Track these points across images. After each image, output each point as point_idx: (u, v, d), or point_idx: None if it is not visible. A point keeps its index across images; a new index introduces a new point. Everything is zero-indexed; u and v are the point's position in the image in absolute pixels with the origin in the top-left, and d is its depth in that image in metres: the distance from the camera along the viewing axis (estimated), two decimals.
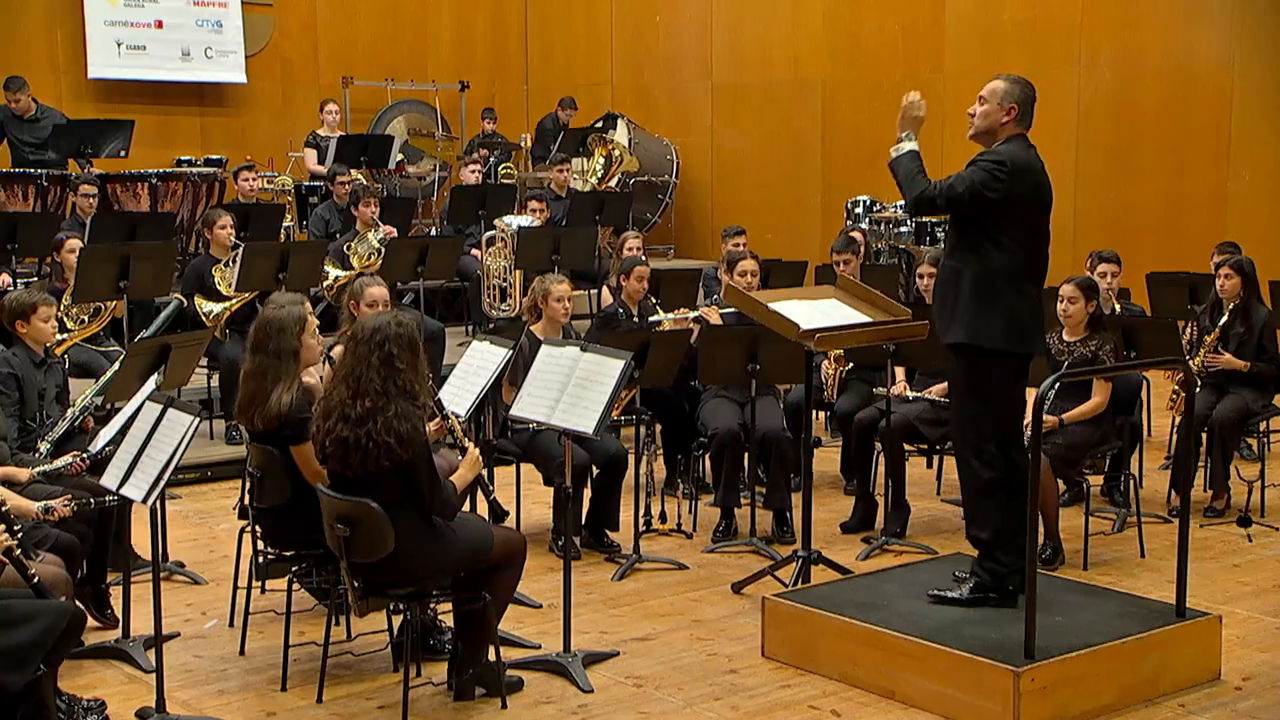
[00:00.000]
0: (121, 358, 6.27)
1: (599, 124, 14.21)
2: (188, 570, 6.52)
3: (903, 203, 6.65)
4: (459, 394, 5.68)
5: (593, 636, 5.77)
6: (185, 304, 7.19)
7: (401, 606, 4.95)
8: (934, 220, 12.67)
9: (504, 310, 9.57)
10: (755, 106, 14.26)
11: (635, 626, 5.91)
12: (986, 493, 5.28)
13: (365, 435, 4.64)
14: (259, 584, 5.71)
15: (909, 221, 12.76)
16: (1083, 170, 12.63)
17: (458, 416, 5.40)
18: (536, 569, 6.68)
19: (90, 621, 5.75)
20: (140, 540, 6.63)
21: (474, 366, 5.71)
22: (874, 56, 13.84)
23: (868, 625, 5.20)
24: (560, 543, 6.88)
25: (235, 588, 5.79)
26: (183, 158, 13.25)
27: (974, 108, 5.33)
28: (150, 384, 5.62)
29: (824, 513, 7.72)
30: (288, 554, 5.35)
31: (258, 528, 5.39)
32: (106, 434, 5.70)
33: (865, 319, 5.90)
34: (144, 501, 4.52)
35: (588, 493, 6.92)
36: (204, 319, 8.33)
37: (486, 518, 5.23)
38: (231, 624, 5.77)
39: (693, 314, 7.75)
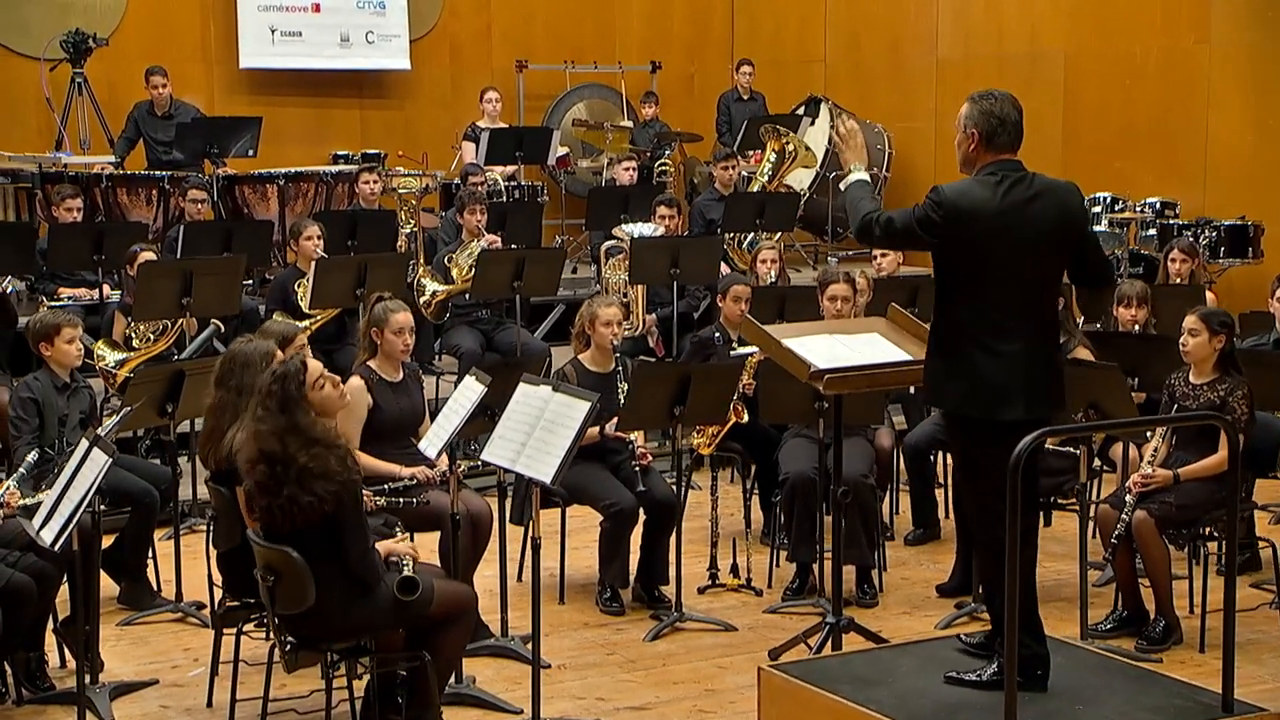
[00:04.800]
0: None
1: (799, 109, 14.47)
2: (203, 615, 7.17)
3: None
4: (439, 433, 6.14)
5: (587, 703, 6.15)
6: (222, 328, 7.88)
7: (335, 659, 5.44)
8: (1181, 222, 12.47)
9: (624, 329, 9.96)
10: (984, 85, 13.64)
11: (639, 694, 6.26)
12: (999, 562, 5.37)
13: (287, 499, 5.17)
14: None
15: (1154, 224, 12.59)
16: None
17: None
18: (571, 624, 7.14)
19: (72, 664, 6.49)
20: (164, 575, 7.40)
21: (457, 404, 6.15)
22: (1126, 24, 13.65)
23: (855, 705, 5.38)
24: (605, 596, 7.30)
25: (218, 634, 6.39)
26: (339, 153, 14.23)
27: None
28: (121, 413, 6.26)
29: (934, 571, 7.89)
30: (250, 600, 5.92)
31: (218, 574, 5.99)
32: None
33: (903, 358, 6.06)
34: (52, 546, 5.14)
35: (636, 540, 7.30)
36: None
37: (436, 568, 5.68)
38: (215, 671, 6.36)
39: None
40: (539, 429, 5.62)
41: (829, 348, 6.02)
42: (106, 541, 7.17)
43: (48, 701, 6.10)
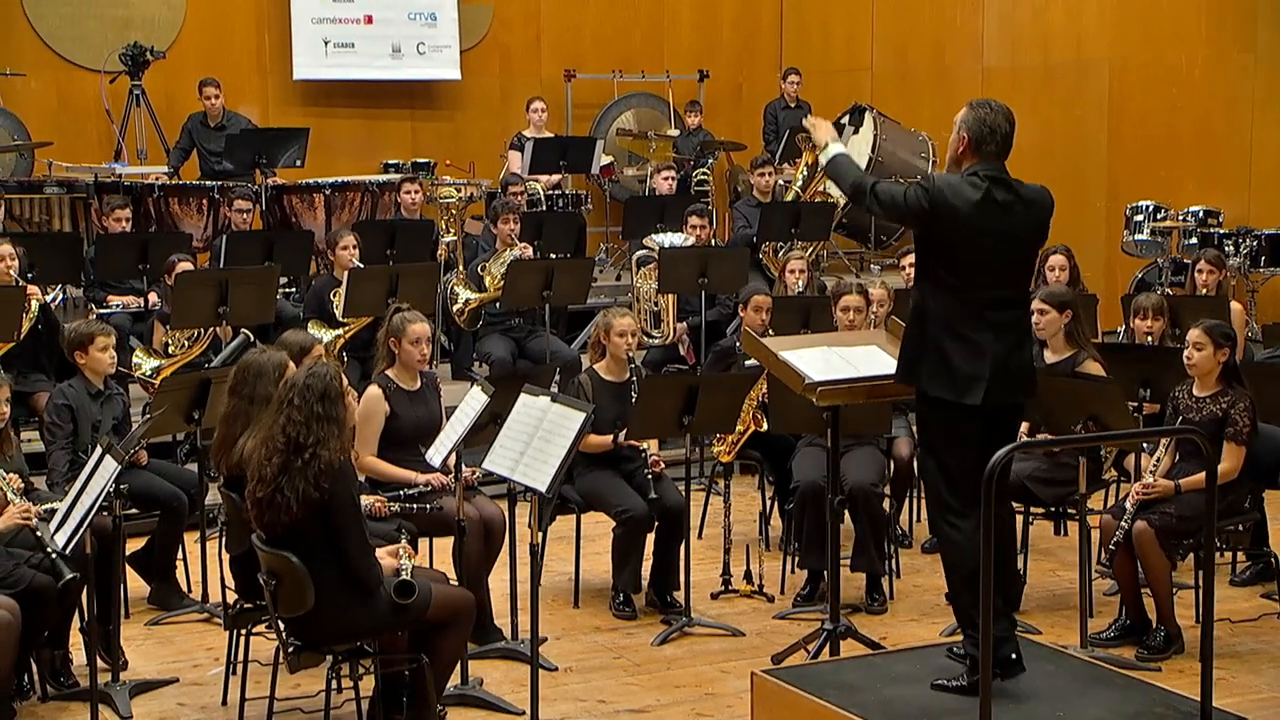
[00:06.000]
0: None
1: (844, 118, 14.55)
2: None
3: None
4: (445, 442, 6.32)
5: (589, 705, 6.32)
6: (252, 337, 8.09)
7: (338, 660, 5.63)
8: (1223, 231, 12.46)
9: (655, 338, 10.15)
10: (1030, 93, 14.28)
11: (640, 697, 6.41)
12: (954, 550, 5.54)
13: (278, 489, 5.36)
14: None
15: (1196, 232, 12.59)
16: None
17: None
18: (583, 627, 7.31)
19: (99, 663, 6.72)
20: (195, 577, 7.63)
21: (463, 414, 6.32)
22: (1172, 33, 13.66)
23: (840, 710, 5.53)
24: (618, 601, 7.46)
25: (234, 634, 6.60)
26: (390, 162, 14.47)
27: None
28: (144, 420, 6.48)
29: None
30: (261, 603, 6.12)
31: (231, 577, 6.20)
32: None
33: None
34: (64, 549, 5.37)
35: (650, 547, 7.46)
36: None
37: (438, 573, 5.86)
38: (231, 671, 6.57)
39: None
40: (537, 439, 5.78)
41: (825, 360, 6.16)
42: (138, 544, 7.46)
43: (70, 698, 6.33)
